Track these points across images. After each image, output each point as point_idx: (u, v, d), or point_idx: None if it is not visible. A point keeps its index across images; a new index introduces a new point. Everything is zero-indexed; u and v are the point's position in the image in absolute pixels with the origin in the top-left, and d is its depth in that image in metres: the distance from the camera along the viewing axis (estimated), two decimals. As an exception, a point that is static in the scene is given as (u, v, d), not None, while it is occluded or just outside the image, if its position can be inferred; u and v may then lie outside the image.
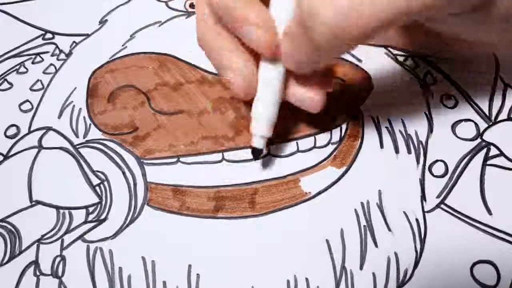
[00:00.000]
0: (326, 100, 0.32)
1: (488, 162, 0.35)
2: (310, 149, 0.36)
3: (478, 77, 0.39)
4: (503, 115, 0.37)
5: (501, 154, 0.36)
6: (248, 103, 0.34)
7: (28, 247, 0.33)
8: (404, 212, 0.33)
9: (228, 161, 0.36)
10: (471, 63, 0.39)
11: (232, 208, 0.34)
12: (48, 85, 0.41)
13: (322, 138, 0.37)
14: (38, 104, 0.39)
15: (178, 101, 0.39)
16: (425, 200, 0.34)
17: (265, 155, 0.35)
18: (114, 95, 0.40)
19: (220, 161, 0.36)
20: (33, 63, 0.42)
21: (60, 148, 0.37)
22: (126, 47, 0.42)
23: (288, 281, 0.31)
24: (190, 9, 0.45)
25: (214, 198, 0.34)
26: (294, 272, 0.32)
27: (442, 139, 0.36)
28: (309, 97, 0.31)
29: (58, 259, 0.33)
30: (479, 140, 0.36)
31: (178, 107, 0.38)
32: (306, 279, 0.31)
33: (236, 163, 0.36)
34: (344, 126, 0.37)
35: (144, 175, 0.36)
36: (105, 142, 0.37)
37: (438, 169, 0.35)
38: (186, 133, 0.37)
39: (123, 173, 0.35)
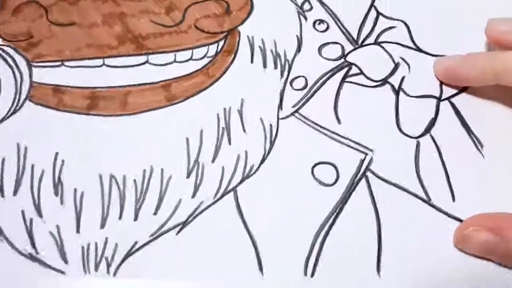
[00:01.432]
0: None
1: (347, 80, 0.38)
2: (186, 61, 0.39)
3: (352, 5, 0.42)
4: (370, 40, 0.40)
5: (361, 72, 0.39)
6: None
7: None
8: (261, 118, 0.37)
9: (108, 66, 0.39)
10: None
11: (104, 106, 0.37)
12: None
13: (200, 51, 0.40)
14: None
15: (72, 14, 0.42)
16: (281, 109, 0.37)
17: (143, 62, 0.39)
18: (19, 9, 0.43)
19: (100, 66, 0.39)
20: None
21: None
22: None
23: (144, 170, 0.35)
24: None
25: (88, 97, 0.37)
26: (151, 163, 0.35)
27: (307, 58, 0.40)
28: None
29: None
30: (342, 60, 0.39)
31: (71, 19, 0.41)
32: (162, 169, 0.35)
33: (115, 68, 0.39)
34: (221, 43, 0.40)
35: (30, 75, 0.39)
36: (2, 47, 0.40)
37: (299, 83, 0.38)
38: (74, 41, 0.40)
39: (13, 72, 0.39)
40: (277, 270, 0.32)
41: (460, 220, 0.33)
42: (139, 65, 0.38)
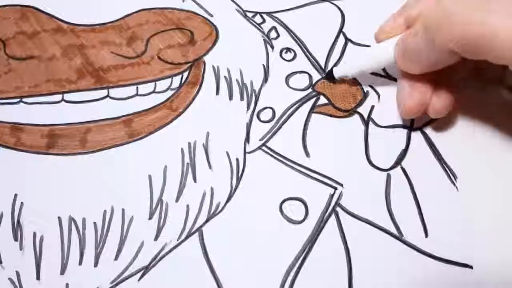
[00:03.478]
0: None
1: (315, 110, 0.37)
2: (149, 94, 0.38)
3: (321, 32, 0.41)
4: (338, 68, 0.39)
5: (330, 103, 0.38)
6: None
7: None
8: (227, 152, 0.36)
9: (67, 101, 0.37)
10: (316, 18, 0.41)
11: (63, 145, 0.36)
12: None
13: (163, 84, 0.38)
14: None
15: (31, 48, 0.40)
16: (248, 142, 0.36)
17: (103, 97, 0.37)
18: (-24, 42, 0.41)
19: (59, 102, 0.37)
20: None
21: None
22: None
23: (104, 211, 0.33)
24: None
25: (47, 135, 0.36)
26: (112, 203, 0.33)
27: (274, 89, 0.38)
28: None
29: None
30: (309, 90, 0.38)
31: (30, 53, 0.40)
32: (122, 209, 0.33)
33: (74, 104, 0.37)
34: (186, 74, 0.39)
35: (-12, 114, 0.37)
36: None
37: (266, 115, 0.37)
38: (33, 76, 0.38)
39: (-32, 110, 0.37)
40: (244, 315, 0.30)
41: (433, 257, 0.32)
42: (100, 99, 0.37)
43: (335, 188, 0.34)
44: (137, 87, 0.38)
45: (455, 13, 0.28)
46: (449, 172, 0.35)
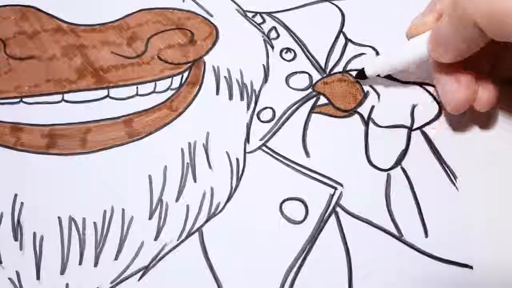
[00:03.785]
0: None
1: (315, 110, 0.37)
2: (149, 94, 0.38)
3: (321, 33, 0.41)
4: (339, 68, 0.40)
5: (330, 103, 0.38)
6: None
7: None
8: (227, 152, 0.36)
9: (67, 101, 0.37)
10: (316, 18, 0.41)
11: (63, 145, 0.36)
12: None
13: (163, 84, 0.38)
14: None
15: (31, 48, 0.40)
16: (248, 142, 0.36)
17: (104, 97, 0.37)
18: (-24, 42, 0.41)
19: (59, 102, 0.37)
20: None
21: None
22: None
23: (104, 211, 0.33)
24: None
25: (47, 135, 0.36)
26: (112, 203, 0.33)
27: (275, 89, 0.38)
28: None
29: None
30: (310, 90, 0.38)
31: (30, 53, 0.40)
32: (123, 209, 0.33)
33: (74, 104, 0.37)
34: (186, 74, 0.39)
35: (-12, 113, 0.37)
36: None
37: (266, 115, 0.37)
38: (33, 76, 0.39)
39: (-31, 109, 0.37)
40: (244, 315, 0.30)
41: (433, 257, 0.32)
42: (100, 99, 0.37)
43: (335, 188, 0.34)
44: (137, 87, 0.38)
45: None
46: (449, 172, 0.35)
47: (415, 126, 0.37)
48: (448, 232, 0.33)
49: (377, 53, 0.40)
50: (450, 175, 0.35)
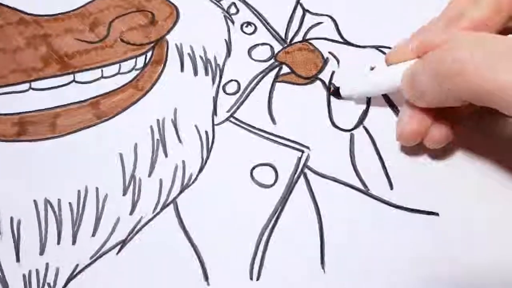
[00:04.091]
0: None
1: (279, 79, 0.38)
2: (114, 75, 0.39)
3: (279, 5, 0.42)
4: (298, 37, 0.41)
5: (292, 72, 0.39)
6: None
7: None
8: (196, 126, 0.36)
9: (34, 89, 0.38)
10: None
11: (33, 131, 0.36)
12: None
13: (127, 64, 0.39)
14: None
15: (-5, 41, 0.41)
16: (216, 115, 0.37)
17: (70, 82, 0.38)
18: None
19: (27, 90, 0.38)
20: None
21: None
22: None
23: (79, 191, 0.34)
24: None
25: (17, 123, 0.36)
26: (85, 183, 0.34)
27: (238, 62, 0.39)
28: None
29: None
30: (272, 60, 0.39)
31: (-6, 46, 0.40)
32: (96, 188, 0.34)
33: (42, 91, 0.38)
34: (149, 54, 0.40)
35: (-43, 107, 0.37)
36: None
37: (231, 87, 0.38)
38: (-1, 68, 0.39)
39: None
40: (222, 278, 0.32)
41: (400, 207, 0.33)
42: (66, 84, 0.38)
43: (302, 151, 0.35)
44: (102, 70, 0.39)
45: (467, 70, 0.27)
46: (410, 127, 0.36)
47: (374, 87, 0.38)
48: (412, 182, 0.34)
49: (335, 22, 0.41)
50: (410, 129, 0.36)
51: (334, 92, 0.38)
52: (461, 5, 0.32)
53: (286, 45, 0.40)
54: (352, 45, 0.39)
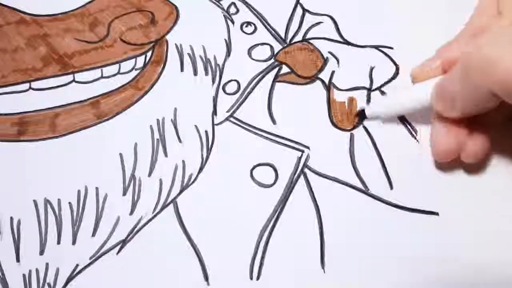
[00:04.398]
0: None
1: (278, 79, 0.38)
2: (114, 75, 0.39)
3: (279, 5, 0.42)
4: (298, 37, 0.41)
5: (292, 71, 0.39)
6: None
7: None
8: (195, 126, 0.36)
9: (34, 89, 0.38)
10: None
11: (34, 131, 0.36)
12: None
13: (127, 64, 0.39)
14: None
15: (-6, 41, 0.41)
16: (216, 115, 0.37)
17: (69, 82, 0.38)
18: None
19: (27, 90, 0.38)
20: None
21: None
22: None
23: (79, 191, 0.34)
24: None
25: (18, 123, 0.36)
26: (85, 183, 0.34)
27: (238, 62, 0.39)
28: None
29: None
30: (272, 60, 0.39)
31: (-6, 46, 0.40)
32: (96, 188, 0.34)
33: (41, 91, 0.38)
34: (149, 54, 0.40)
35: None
36: None
37: (231, 87, 0.38)
38: (-1, 68, 0.39)
39: None
40: (222, 277, 0.32)
41: (400, 207, 0.33)
42: (66, 84, 0.38)
43: (302, 151, 0.35)
44: (101, 70, 0.39)
45: (497, 61, 0.27)
46: (409, 126, 0.36)
47: (374, 87, 0.38)
48: (412, 182, 0.34)
49: (335, 22, 0.41)
50: (410, 129, 0.36)
51: (359, 114, 0.37)
52: (485, 18, 0.32)
53: (286, 45, 0.40)
54: (352, 45, 0.39)
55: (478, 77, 0.28)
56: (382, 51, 0.39)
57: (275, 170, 0.35)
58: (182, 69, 0.39)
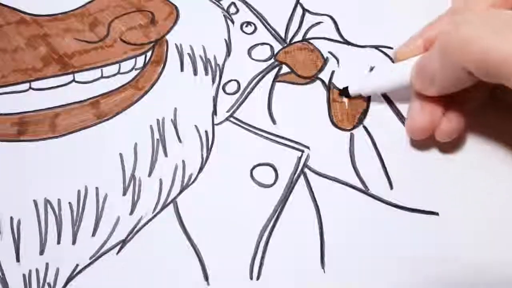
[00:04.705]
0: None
1: (278, 79, 0.38)
2: (114, 75, 0.39)
3: (279, 5, 0.42)
4: (298, 37, 0.41)
5: (292, 71, 0.39)
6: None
7: None
8: (196, 126, 0.36)
9: (34, 89, 0.38)
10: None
11: (34, 131, 0.36)
12: None
13: (127, 64, 0.39)
14: None
15: (-5, 41, 0.41)
16: (216, 115, 0.37)
17: (69, 82, 0.38)
18: None
19: (27, 90, 0.38)
20: None
21: None
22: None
23: (79, 191, 0.34)
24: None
25: (18, 123, 0.36)
26: (85, 183, 0.34)
27: (238, 62, 0.39)
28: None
29: None
30: (272, 60, 0.39)
31: (-6, 46, 0.40)
32: (96, 188, 0.34)
33: (41, 91, 0.38)
34: (149, 54, 0.40)
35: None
36: None
37: (231, 87, 0.38)
38: (-1, 68, 0.39)
39: None
40: (222, 277, 0.32)
41: (400, 207, 0.33)
42: (66, 84, 0.38)
43: (302, 151, 0.35)
44: (101, 70, 0.39)
45: (473, 41, 0.27)
46: (409, 127, 0.36)
47: (374, 87, 0.38)
48: (412, 182, 0.34)
49: (335, 22, 0.41)
50: (410, 129, 0.36)
51: (343, 92, 0.37)
52: None
53: (286, 44, 0.40)
54: (352, 44, 0.39)
55: (455, 55, 0.29)
56: (382, 51, 0.39)
57: (275, 170, 0.35)
58: (182, 69, 0.39)
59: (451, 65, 0.29)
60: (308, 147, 0.35)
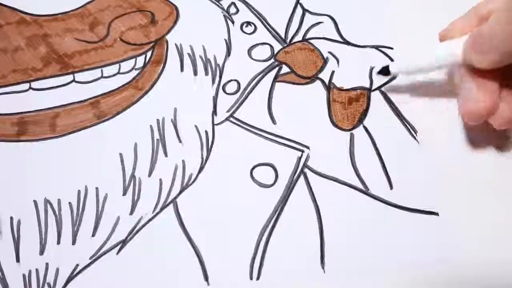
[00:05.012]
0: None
1: (278, 79, 0.38)
2: (114, 75, 0.39)
3: (279, 5, 0.42)
4: (298, 37, 0.41)
5: (292, 71, 0.39)
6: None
7: None
8: (195, 126, 0.36)
9: (34, 89, 0.38)
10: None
11: (33, 131, 0.36)
12: None
13: (127, 64, 0.39)
14: None
15: (-5, 41, 0.41)
16: (216, 114, 0.37)
17: (69, 82, 0.38)
18: None
19: (27, 90, 0.38)
20: None
21: None
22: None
23: (79, 191, 0.34)
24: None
25: (17, 123, 0.36)
26: (85, 183, 0.34)
27: (238, 62, 0.39)
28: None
29: None
30: (272, 60, 0.39)
31: (-6, 46, 0.40)
32: (96, 188, 0.34)
33: (41, 91, 0.38)
34: (149, 54, 0.40)
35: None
36: None
37: (231, 87, 0.38)
38: (-1, 68, 0.39)
39: None
40: (222, 277, 0.32)
41: (400, 207, 0.33)
42: (66, 84, 0.38)
43: (302, 151, 0.35)
44: (101, 70, 0.39)
45: None
46: (409, 127, 0.36)
47: (374, 87, 0.38)
48: (412, 182, 0.34)
49: (334, 22, 0.41)
50: (410, 129, 0.36)
51: (382, 70, 0.36)
52: None
53: (286, 45, 0.40)
54: (352, 44, 0.39)
55: None
56: (382, 51, 0.39)
57: (275, 170, 0.35)
58: (182, 69, 0.39)
59: None
60: (308, 147, 0.35)
